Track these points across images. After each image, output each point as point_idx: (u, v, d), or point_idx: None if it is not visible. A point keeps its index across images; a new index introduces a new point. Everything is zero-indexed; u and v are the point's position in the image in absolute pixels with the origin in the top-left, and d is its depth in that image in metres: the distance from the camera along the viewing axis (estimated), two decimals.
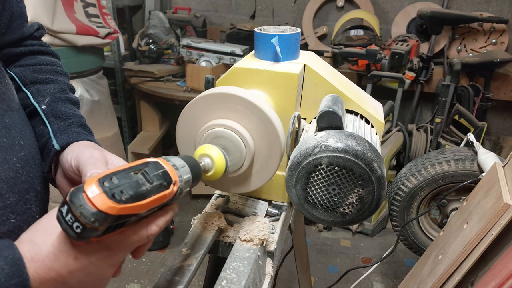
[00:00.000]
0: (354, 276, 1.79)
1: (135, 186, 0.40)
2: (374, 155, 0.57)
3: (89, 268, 0.42)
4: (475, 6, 2.43)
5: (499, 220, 0.75)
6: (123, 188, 0.39)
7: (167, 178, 0.44)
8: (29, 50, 0.69)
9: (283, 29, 0.74)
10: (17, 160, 0.53)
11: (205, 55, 2.38)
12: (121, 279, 1.97)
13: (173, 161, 0.48)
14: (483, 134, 2.03)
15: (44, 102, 0.64)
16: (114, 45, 2.54)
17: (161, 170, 0.44)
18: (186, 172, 0.49)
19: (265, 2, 2.83)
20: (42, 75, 0.68)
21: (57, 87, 0.68)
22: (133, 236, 0.43)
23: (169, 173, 0.45)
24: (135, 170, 0.42)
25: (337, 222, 0.63)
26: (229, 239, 0.75)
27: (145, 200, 0.41)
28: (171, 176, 0.45)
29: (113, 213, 0.38)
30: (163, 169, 0.44)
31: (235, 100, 0.62)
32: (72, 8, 1.92)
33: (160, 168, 0.44)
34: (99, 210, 0.37)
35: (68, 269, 0.41)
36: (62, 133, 0.61)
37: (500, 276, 0.69)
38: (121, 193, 0.39)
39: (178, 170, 0.47)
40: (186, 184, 0.48)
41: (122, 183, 0.40)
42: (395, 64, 2.15)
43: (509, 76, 2.28)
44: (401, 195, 1.37)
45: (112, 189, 0.38)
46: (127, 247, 0.44)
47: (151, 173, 0.43)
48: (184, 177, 0.48)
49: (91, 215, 0.37)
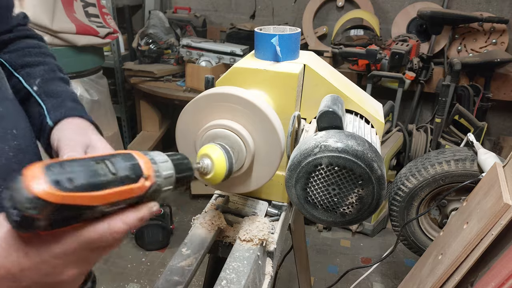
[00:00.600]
0: (354, 276, 1.79)
1: (89, 175, 0.36)
2: (374, 155, 0.57)
3: (43, 268, 0.38)
4: (475, 6, 2.43)
5: (499, 220, 0.75)
6: (74, 175, 0.35)
7: (137, 171, 0.40)
8: (16, 36, 0.71)
9: (283, 29, 0.74)
10: (9, 149, 0.53)
11: (205, 55, 2.38)
12: (121, 279, 1.97)
13: (153, 155, 0.44)
14: (483, 134, 2.03)
15: (35, 83, 0.66)
16: (114, 45, 2.54)
17: (131, 162, 0.40)
18: (168, 168, 0.44)
19: (265, 2, 2.82)
20: (31, 58, 0.69)
21: (47, 68, 0.70)
22: (91, 232, 0.38)
23: (141, 166, 0.40)
24: (98, 160, 0.38)
25: (337, 222, 0.63)
26: (229, 239, 0.75)
27: (102, 192, 0.36)
28: (143, 169, 0.40)
29: (53, 201, 0.33)
30: (134, 161, 0.40)
31: (235, 100, 0.62)
32: (72, 7, 1.92)
33: (130, 160, 0.40)
34: (35, 196, 0.33)
35: (19, 267, 0.37)
36: (56, 110, 0.63)
37: (500, 276, 0.69)
38: (69, 181, 0.35)
39: (157, 165, 0.43)
40: (166, 181, 0.43)
41: (74, 170, 0.36)
42: (395, 64, 2.15)
43: (509, 76, 2.28)
44: (401, 195, 1.37)
45: (58, 175, 0.34)
46: (86, 245, 0.38)
47: (117, 164, 0.39)
48: (164, 173, 0.43)
49: (26, 201, 0.33)
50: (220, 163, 0.57)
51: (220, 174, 0.57)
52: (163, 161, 0.44)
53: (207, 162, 0.57)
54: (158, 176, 0.42)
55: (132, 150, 0.42)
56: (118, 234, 0.39)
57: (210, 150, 0.58)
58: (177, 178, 0.45)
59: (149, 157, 0.42)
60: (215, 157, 0.57)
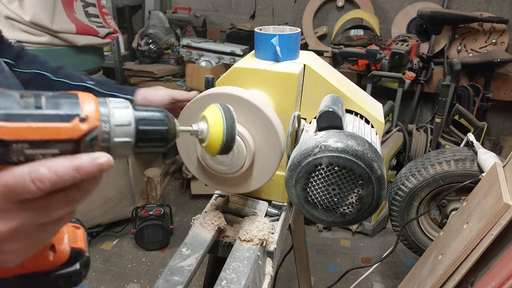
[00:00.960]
0: (354, 276, 1.79)
1: (6, 105, 0.31)
2: (374, 155, 0.57)
3: None
4: (475, 6, 2.43)
5: (499, 220, 0.75)
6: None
7: (72, 110, 0.33)
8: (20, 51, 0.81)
9: (283, 29, 0.74)
10: None
11: (205, 55, 2.38)
12: (121, 279, 1.97)
13: (109, 99, 0.36)
14: (483, 134, 2.03)
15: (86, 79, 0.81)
16: (114, 45, 2.54)
17: (68, 99, 0.34)
18: (124, 115, 0.36)
19: (265, 2, 2.82)
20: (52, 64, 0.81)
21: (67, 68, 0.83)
22: (8, 176, 0.32)
23: (81, 106, 0.33)
24: (28, 93, 0.33)
25: (337, 222, 0.63)
26: (229, 239, 0.75)
27: (13, 124, 0.31)
28: (82, 109, 0.33)
29: None
30: (73, 99, 0.34)
31: (235, 100, 0.62)
32: (72, 7, 1.92)
33: (69, 98, 0.34)
34: None
35: None
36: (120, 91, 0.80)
37: (500, 276, 0.69)
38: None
39: (107, 109, 0.35)
40: (119, 130, 0.35)
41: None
42: (395, 64, 2.15)
43: (509, 76, 2.28)
44: (401, 195, 1.37)
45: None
46: (3, 193, 0.33)
47: (49, 100, 0.33)
48: (115, 119, 0.35)
49: None
50: (216, 127, 0.46)
51: (216, 141, 0.47)
52: (119, 106, 0.36)
53: (202, 125, 0.47)
54: (105, 121, 0.35)
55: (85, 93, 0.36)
56: (42, 183, 0.33)
57: (209, 111, 0.47)
58: (141, 130, 0.37)
59: (101, 100, 0.36)
60: (211, 120, 0.46)
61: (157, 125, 0.38)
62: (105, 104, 0.35)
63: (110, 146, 0.35)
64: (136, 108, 0.37)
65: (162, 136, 0.38)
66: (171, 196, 2.64)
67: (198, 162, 0.70)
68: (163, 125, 0.39)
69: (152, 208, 2.16)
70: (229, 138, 0.47)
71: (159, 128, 0.38)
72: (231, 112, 0.47)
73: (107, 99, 0.36)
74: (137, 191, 2.44)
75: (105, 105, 0.35)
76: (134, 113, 0.37)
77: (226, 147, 0.48)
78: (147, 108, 0.39)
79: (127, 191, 2.24)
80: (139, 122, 0.37)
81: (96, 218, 2.13)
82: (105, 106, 0.35)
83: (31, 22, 1.71)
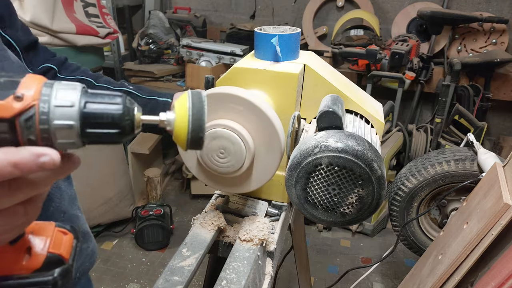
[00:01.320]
0: (354, 276, 1.79)
1: None
2: (374, 155, 0.57)
3: None
4: (475, 6, 2.43)
5: (499, 220, 0.75)
6: None
7: (9, 88, 0.31)
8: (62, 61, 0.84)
9: (283, 29, 0.74)
10: None
11: (205, 55, 2.38)
12: (121, 279, 1.97)
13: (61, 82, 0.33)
14: (483, 134, 2.03)
15: (125, 85, 0.83)
16: (114, 45, 2.54)
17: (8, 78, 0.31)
18: (69, 97, 0.32)
19: (265, 2, 2.82)
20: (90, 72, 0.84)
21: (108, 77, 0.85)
22: None
23: (20, 85, 0.31)
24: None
25: (337, 222, 0.63)
26: (229, 239, 0.75)
27: None
28: (20, 88, 0.31)
29: None
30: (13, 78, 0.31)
31: (235, 100, 0.62)
32: (72, 8, 1.92)
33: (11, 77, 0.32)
34: None
35: None
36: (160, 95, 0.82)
37: (500, 276, 0.69)
38: None
39: (51, 89, 0.32)
40: (63, 115, 0.31)
41: None
42: (395, 64, 2.15)
43: (509, 76, 2.28)
44: (401, 195, 1.36)
45: None
46: None
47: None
48: (57, 102, 0.31)
49: None
50: (181, 117, 0.38)
51: (182, 133, 0.38)
52: (65, 88, 0.32)
53: (170, 115, 0.38)
54: (44, 101, 0.31)
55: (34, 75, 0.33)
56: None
57: (178, 100, 0.40)
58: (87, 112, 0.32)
59: (50, 82, 0.33)
60: (178, 109, 0.38)
61: (107, 109, 0.33)
62: (51, 85, 0.32)
63: (50, 129, 0.31)
64: (87, 90, 0.33)
65: (113, 120, 0.33)
66: (171, 196, 2.64)
67: (198, 162, 0.70)
68: (115, 109, 0.33)
69: (152, 208, 2.16)
70: (196, 128, 0.38)
71: (110, 111, 0.33)
72: (200, 98, 0.39)
73: (57, 81, 0.33)
74: (137, 191, 2.44)
75: (50, 86, 0.32)
76: (82, 94, 0.32)
77: (194, 139, 0.39)
78: (103, 92, 0.34)
79: (127, 191, 2.24)
80: (86, 104, 0.32)
81: (96, 218, 2.13)
82: (50, 87, 0.32)
83: (31, 22, 1.71)
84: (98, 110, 0.32)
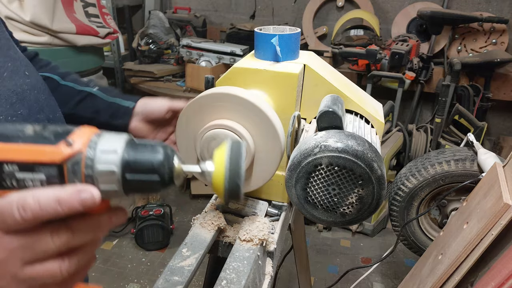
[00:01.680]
0: (354, 276, 1.79)
1: (4, 127, 0.32)
2: (374, 155, 0.57)
3: None
4: (475, 6, 2.43)
5: (499, 220, 0.75)
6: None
7: (60, 134, 0.33)
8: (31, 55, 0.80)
9: (283, 29, 0.74)
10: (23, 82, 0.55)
11: (205, 55, 2.38)
12: (121, 279, 1.97)
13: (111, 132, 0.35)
14: (483, 134, 2.03)
15: (91, 85, 0.79)
16: (114, 45, 2.54)
17: (63, 128, 0.34)
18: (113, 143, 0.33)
19: (265, 2, 2.82)
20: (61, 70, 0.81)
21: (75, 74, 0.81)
22: (1, 200, 0.32)
23: (72, 133, 0.33)
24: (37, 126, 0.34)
25: (337, 222, 0.63)
26: (229, 239, 0.75)
27: (4, 145, 0.31)
28: (72, 135, 0.33)
29: None
30: (70, 127, 0.34)
31: (235, 100, 0.62)
32: (72, 8, 1.92)
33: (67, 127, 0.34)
34: None
35: None
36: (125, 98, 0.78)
37: (500, 276, 0.69)
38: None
39: (99, 136, 0.34)
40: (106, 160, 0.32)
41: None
42: (395, 64, 2.15)
43: (509, 76, 2.28)
44: (401, 195, 1.36)
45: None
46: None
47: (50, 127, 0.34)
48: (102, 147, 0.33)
49: None
50: (218, 171, 0.38)
51: (219, 187, 0.38)
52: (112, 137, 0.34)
53: (209, 166, 0.38)
54: (91, 147, 0.33)
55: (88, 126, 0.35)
56: (25, 211, 0.31)
57: (217, 150, 0.39)
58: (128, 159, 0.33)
59: (100, 132, 0.35)
60: (216, 162, 0.38)
61: (148, 156, 0.34)
62: (100, 134, 0.34)
63: (94, 175, 0.33)
64: (133, 140, 0.35)
65: (152, 167, 0.34)
66: (171, 196, 2.64)
67: (198, 162, 0.70)
68: (155, 156, 0.34)
69: (152, 208, 2.16)
70: (233, 183, 0.37)
71: (150, 158, 0.34)
72: (239, 151, 0.38)
73: (107, 132, 0.35)
74: None
75: (100, 134, 0.34)
76: (127, 143, 0.34)
77: (232, 193, 0.38)
78: (146, 142, 0.35)
79: None
80: (129, 151, 0.34)
81: None
82: (99, 135, 0.34)
83: (31, 22, 1.71)
84: (139, 157, 0.34)
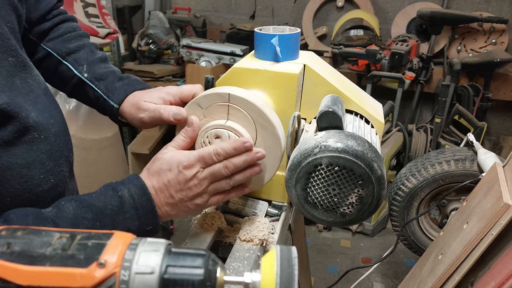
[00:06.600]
0: (354, 276, 1.79)
1: (28, 245, 0.29)
2: (374, 155, 0.57)
3: None
4: (475, 6, 2.43)
5: (499, 220, 0.75)
6: (14, 240, 0.29)
7: (92, 252, 0.30)
8: (54, 23, 0.78)
9: (283, 29, 0.74)
10: (52, 136, 0.61)
11: (205, 55, 2.38)
12: None
13: (148, 240, 0.32)
14: (483, 134, 2.03)
15: (84, 70, 0.76)
16: (114, 45, 2.54)
17: (98, 240, 0.31)
18: (150, 263, 0.31)
19: (265, 2, 2.82)
20: (73, 44, 0.78)
21: (87, 50, 0.78)
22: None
23: (105, 249, 0.30)
24: (66, 234, 0.31)
25: (337, 222, 0.63)
26: (229, 239, 0.75)
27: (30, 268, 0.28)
28: (104, 252, 0.30)
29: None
30: (103, 240, 0.31)
31: (235, 100, 0.62)
32: (72, 8, 1.92)
33: (100, 239, 0.31)
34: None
35: None
36: (112, 94, 0.74)
37: (500, 276, 0.69)
38: (7, 246, 0.29)
39: (134, 252, 0.31)
40: (142, 283, 0.30)
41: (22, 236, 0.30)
42: (395, 64, 2.15)
43: (509, 76, 2.28)
44: (401, 195, 1.36)
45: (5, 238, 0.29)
46: None
47: (81, 241, 0.31)
48: (138, 269, 0.30)
49: None
50: (267, 281, 0.34)
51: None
52: (149, 250, 0.31)
53: (255, 277, 0.35)
54: (126, 267, 0.30)
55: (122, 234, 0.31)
56: None
57: (266, 258, 0.36)
58: (167, 279, 0.31)
59: (135, 241, 0.32)
60: (264, 272, 0.34)
61: (188, 274, 0.31)
62: (135, 248, 0.31)
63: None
64: (171, 250, 0.32)
65: (193, 287, 0.31)
66: None
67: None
68: (196, 273, 0.31)
69: None
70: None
71: (191, 277, 0.31)
72: (290, 260, 0.34)
73: (143, 240, 0.32)
74: None
75: (134, 248, 0.31)
76: (164, 258, 0.31)
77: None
78: (186, 251, 0.32)
79: None
80: (167, 268, 0.31)
81: None
82: (134, 249, 0.31)
83: None
84: (179, 276, 0.31)
